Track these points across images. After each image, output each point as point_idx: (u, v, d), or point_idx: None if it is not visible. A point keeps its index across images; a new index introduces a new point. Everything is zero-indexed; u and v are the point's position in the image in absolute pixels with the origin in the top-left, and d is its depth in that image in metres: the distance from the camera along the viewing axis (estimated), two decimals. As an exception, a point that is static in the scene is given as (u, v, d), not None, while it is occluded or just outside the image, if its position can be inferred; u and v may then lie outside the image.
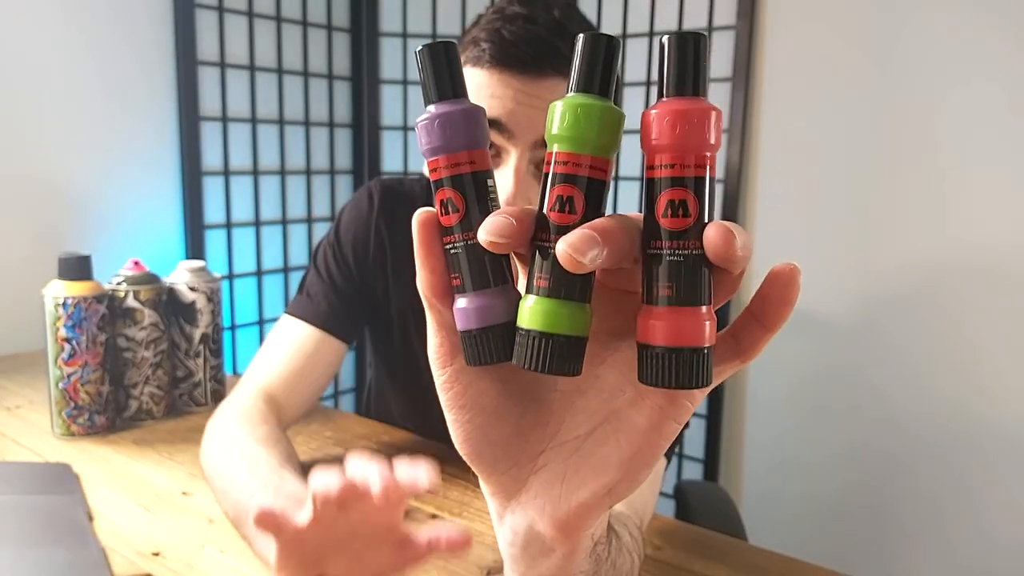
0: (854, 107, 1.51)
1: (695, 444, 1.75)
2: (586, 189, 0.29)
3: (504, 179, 0.74)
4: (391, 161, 2.01)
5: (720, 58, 1.65)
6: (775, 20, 1.58)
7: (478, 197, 0.30)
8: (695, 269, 0.28)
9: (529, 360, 0.29)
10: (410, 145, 1.99)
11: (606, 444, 0.32)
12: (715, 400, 1.72)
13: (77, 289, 0.89)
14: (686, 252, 0.28)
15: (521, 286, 0.31)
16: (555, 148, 0.29)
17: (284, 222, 1.86)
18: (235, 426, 0.74)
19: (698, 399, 0.32)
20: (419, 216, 0.31)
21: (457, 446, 0.34)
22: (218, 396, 1.03)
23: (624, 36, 1.75)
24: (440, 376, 0.33)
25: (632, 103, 1.68)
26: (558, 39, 0.72)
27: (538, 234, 0.29)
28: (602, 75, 0.29)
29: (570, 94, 0.29)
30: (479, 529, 0.71)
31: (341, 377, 2.06)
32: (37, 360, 1.07)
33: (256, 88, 1.74)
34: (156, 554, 0.65)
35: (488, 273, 0.30)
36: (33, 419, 0.97)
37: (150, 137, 1.56)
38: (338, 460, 0.46)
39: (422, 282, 0.31)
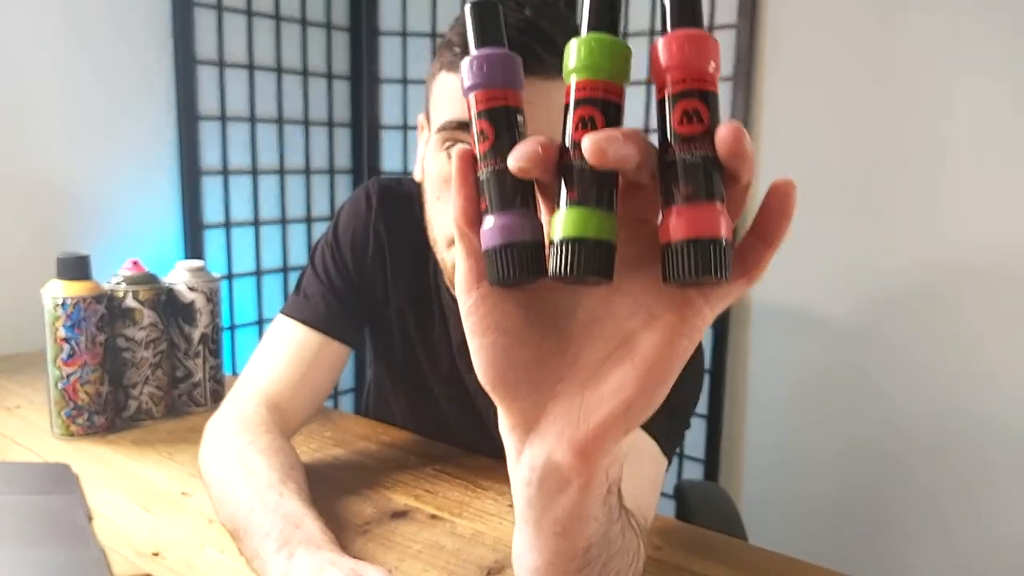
0: (855, 106, 1.51)
1: (695, 444, 1.75)
2: (603, 110, 0.31)
3: None
4: (390, 161, 2.01)
5: (721, 57, 1.64)
6: (776, 19, 1.58)
7: (508, 128, 0.34)
8: (709, 169, 0.30)
9: (563, 266, 0.30)
10: (409, 145, 1.99)
11: (621, 364, 0.34)
12: (715, 400, 1.72)
13: (76, 289, 0.89)
14: (700, 154, 0.30)
15: (545, 221, 0.33)
16: (573, 79, 0.32)
17: (283, 222, 1.85)
18: (236, 435, 0.74)
19: (708, 318, 0.33)
20: (459, 150, 0.34)
21: (480, 373, 0.36)
22: (217, 396, 1.03)
23: (624, 36, 1.75)
24: (466, 302, 0.35)
25: (633, 100, 1.67)
26: (531, 40, 0.70)
27: (563, 157, 0.32)
28: (609, 15, 0.32)
29: (582, 35, 0.32)
30: (479, 529, 0.71)
31: (341, 377, 2.06)
32: (36, 360, 1.07)
33: (255, 87, 1.74)
34: (156, 554, 0.65)
35: (513, 195, 0.33)
36: (32, 419, 0.97)
37: (148, 137, 1.56)
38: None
39: (456, 209, 0.34)
